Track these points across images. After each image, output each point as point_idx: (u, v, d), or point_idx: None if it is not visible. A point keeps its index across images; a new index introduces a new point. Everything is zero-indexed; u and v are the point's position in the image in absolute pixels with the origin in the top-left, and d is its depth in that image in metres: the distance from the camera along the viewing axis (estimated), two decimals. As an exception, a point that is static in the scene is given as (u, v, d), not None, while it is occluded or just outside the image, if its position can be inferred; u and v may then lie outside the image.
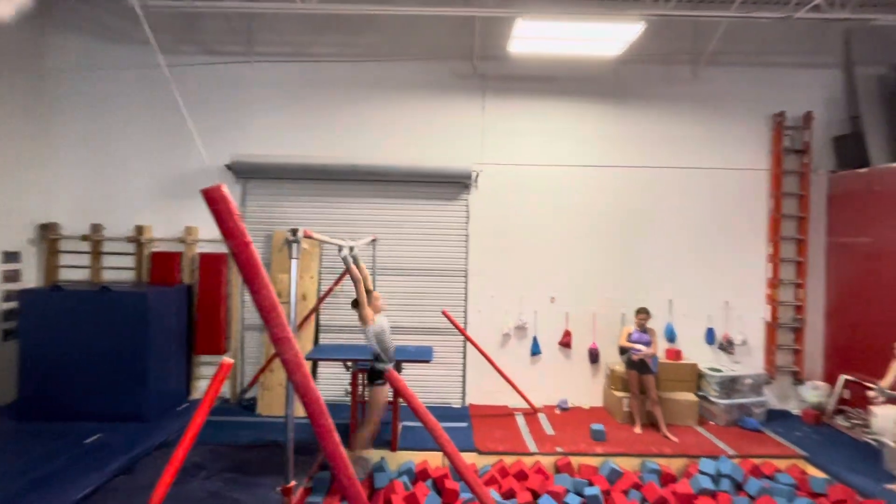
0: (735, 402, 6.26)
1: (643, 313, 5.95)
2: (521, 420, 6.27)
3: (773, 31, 6.62)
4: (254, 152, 6.72)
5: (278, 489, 3.52)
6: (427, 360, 5.50)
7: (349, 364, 5.40)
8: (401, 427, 5.52)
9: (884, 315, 5.93)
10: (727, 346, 6.87)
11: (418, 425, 3.60)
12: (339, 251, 4.32)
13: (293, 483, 3.43)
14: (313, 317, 6.60)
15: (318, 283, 6.77)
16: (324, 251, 6.85)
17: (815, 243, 6.93)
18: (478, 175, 6.85)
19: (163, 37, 6.69)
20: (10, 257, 6.27)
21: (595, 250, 6.92)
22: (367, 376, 4.29)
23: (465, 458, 4.75)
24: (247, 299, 6.83)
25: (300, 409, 4.29)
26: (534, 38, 5.87)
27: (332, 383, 6.67)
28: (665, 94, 6.92)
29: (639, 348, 5.84)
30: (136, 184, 6.84)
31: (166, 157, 6.80)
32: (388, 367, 4.15)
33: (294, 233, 3.31)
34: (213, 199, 1.78)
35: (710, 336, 6.92)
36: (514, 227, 6.92)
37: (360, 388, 5.42)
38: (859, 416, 6.05)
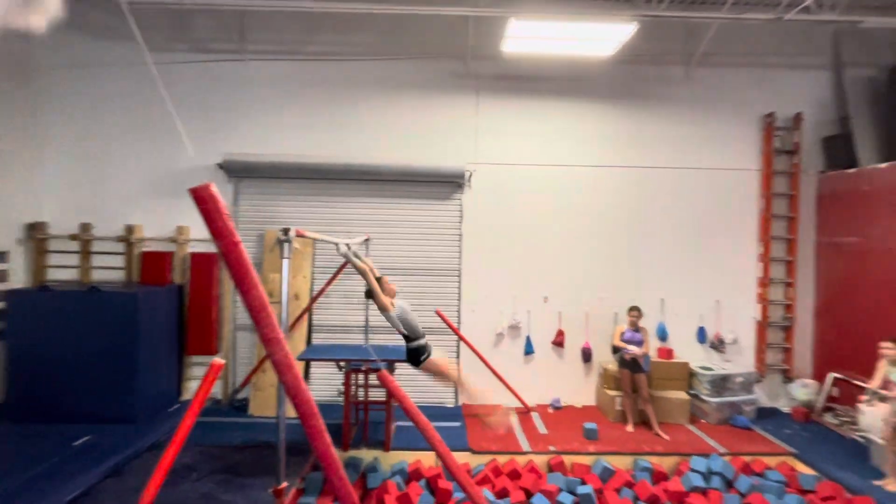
0: (726, 400, 6.31)
1: (635, 311, 5.99)
2: (514, 419, 6.28)
3: (764, 32, 6.68)
4: (246, 151, 6.67)
5: (270, 490, 3.50)
6: (420, 360, 5.49)
7: (342, 364, 5.38)
8: (394, 427, 5.51)
9: (872, 314, 6.00)
10: (718, 345, 6.93)
11: (412, 425, 3.59)
12: (337, 249, 4.29)
13: (285, 484, 3.42)
14: (306, 317, 6.58)
15: (311, 283, 6.74)
16: (317, 251, 6.82)
17: (804, 243, 7.00)
18: (471, 175, 6.85)
19: (155, 34, 6.63)
20: (-2, 257, 6.20)
21: (588, 250, 6.94)
22: (410, 362, 4.07)
23: (459, 458, 4.76)
24: (238, 299, 6.78)
25: (292, 409, 4.26)
26: (527, 37, 5.88)
27: (325, 384, 6.66)
28: (657, 94, 6.96)
29: (631, 349, 5.87)
30: (127, 182, 6.77)
31: (157, 156, 6.74)
32: (422, 342, 3.96)
33: (285, 232, 3.29)
34: (201, 199, 1.76)
35: (701, 335, 6.97)
36: (508, 227, 6.93)
37: (352, 388, 5.41)
38: (847, 413, 6.12)
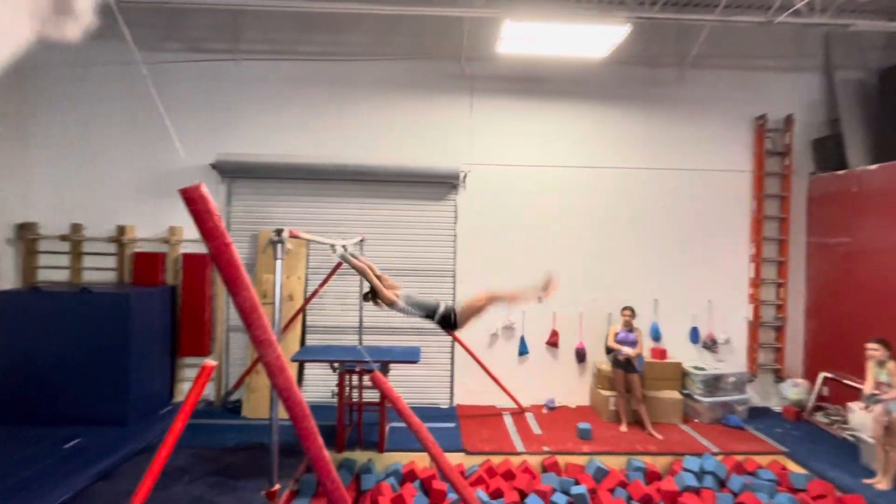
0: (718, 399, 6.35)
1: (628, 311, 6.02)
2: (508, 420, 6.29)
3: (756, 35, 6.73)
4: (240, 151, 6.63)
5: (263, 492, 3.48)
6: (415, 361, 5.49)
7: (336, 365, 5.36)
8: (388, 428, 5.50)
9: (861, 313, 6.06)
10: (711, 345, 6.97)
11: (406, 426, 3.58)
12: (333, 250, 4.25)
13: (278, 486, 3.40)
14: (300, 318, 6.55)
15: (305, 284, 6.71)
16: (311, 252, 6.79)
17: (796, 244, 7.06)
18: (466, 175, 6.85)
19: (147, 33, 6.59)
20: (-14, 258, 6.12)
21: (582, 250, 6.96)
22: (442, 326, 3.81)
23: (453, 459, 4.75)
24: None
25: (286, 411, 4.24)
26: (521, 39, 5.89)
27: (318, 385, 6.63)
28: (650, 95, 7.00)
29: (625, 350, 5.89)
30: (118, 182, 6.71)
31: (149, 156, 6.68)
32: (441, 309, 3.70)
33: (278, 233, 3.27)
34: (191, 199, 1.74)
35: (694, 335, 7.01)
36: (502, 228, 6.94)
37: (346, 389, 5.40)
38: (838, 412, 6.18)
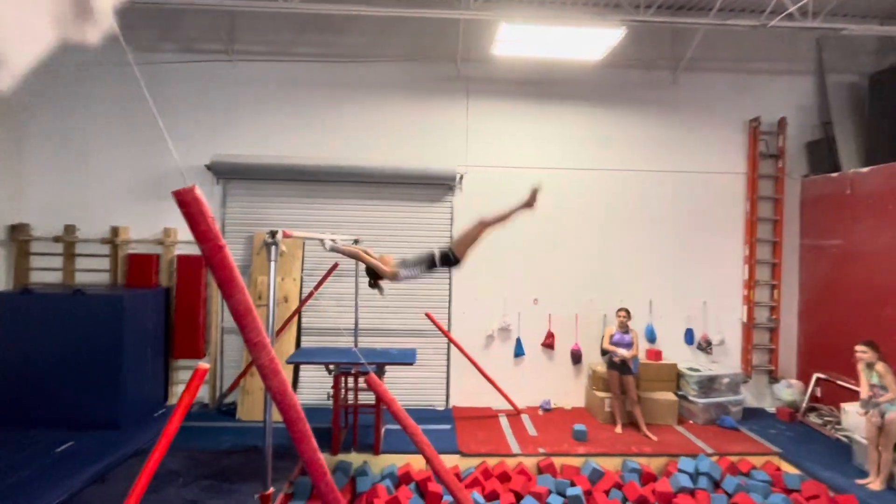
0: (713, 401, 6.37)
1: (623, 312, 6.04)
2: (504, 421, 6.29)
3: (749, 38, 6.79)
4: (235, 152, 6.61)
5: (257, 496, 3.46)
6: (410, 363, 5.48)
7: (331, 367, 5.35)
8: (384, 430, 5.49)
9: (854, 315, 6.11)
10: (705, 347, 7.00)
11: (401, 428, 3.58)
12: (323, 245, 4.26)
13: (272, 489, 3.39)
14: (295, 320, 6.53)
15: (301, 286, 6.69)
16: (306, 253, 6.78)
17: (789, 246, 7.11)
18: (462, 177, 6.86)
19: (143, 34, 6.56)
20: (-22, 259, 6.07)
21: (577, 252, 6.98)
22: (444, 263, 3.72)
23: (449, 461, 4.75)
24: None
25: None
26: (517, 41, 5.91)
27: (314, 387, 6.61)
28: (645, 98, 7.03)
29: (620, 352, 5.91)
30: (112, 183, 6.67)
31: (144, 157, 6.64)
32: (436, 253, 3.60)
33: (272, 235, 3.27)
34: (184, 202, 1.73)
35: (689, 336, 7.04)
36: (498, 230, 6.92)
37: (342, 391, 5.38)
38: (831, 413, 6.23)
